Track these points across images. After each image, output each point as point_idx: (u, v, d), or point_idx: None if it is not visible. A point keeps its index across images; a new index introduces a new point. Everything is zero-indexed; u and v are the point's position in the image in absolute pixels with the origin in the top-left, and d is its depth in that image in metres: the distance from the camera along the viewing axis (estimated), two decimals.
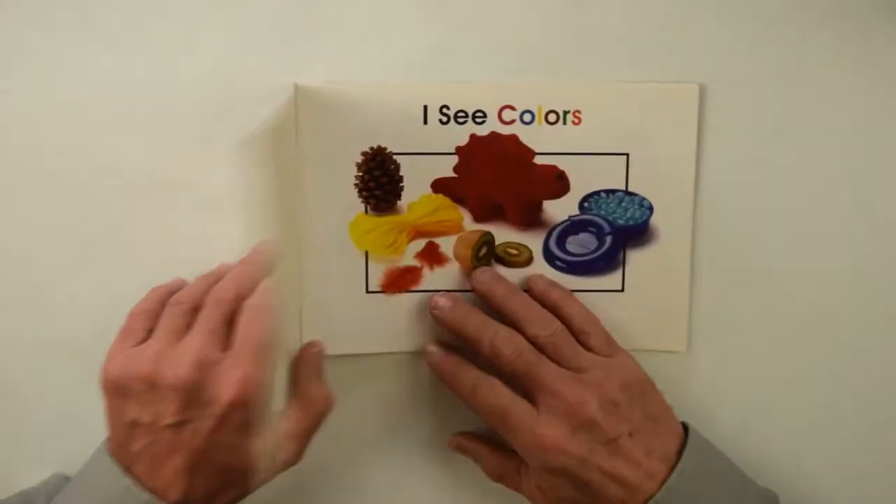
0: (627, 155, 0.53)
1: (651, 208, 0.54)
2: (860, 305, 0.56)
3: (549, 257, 0.55)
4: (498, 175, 0.53)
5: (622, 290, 0.55)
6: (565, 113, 0.53)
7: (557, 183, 0.54)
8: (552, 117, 0.53)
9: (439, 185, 0.54)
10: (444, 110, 0.53)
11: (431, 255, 0.55)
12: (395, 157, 0.53)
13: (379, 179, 0.53)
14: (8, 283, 0.54)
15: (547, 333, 0.51)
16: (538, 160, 0.54)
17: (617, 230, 0.54)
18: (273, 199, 0.51)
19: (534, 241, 0.55)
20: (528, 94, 0.53)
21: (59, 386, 0.55)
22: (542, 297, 0.53)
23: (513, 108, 0.53)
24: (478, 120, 0.53)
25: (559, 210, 0.54)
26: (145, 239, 0.54)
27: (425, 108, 0.53)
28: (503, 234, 0.55)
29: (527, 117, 0.53)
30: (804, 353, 0.56)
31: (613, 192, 0.54)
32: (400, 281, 0.55)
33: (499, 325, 0.51)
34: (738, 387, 0.57)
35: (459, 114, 0.53)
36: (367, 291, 0.55)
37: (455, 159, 0.53)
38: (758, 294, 0.56)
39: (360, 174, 0.53)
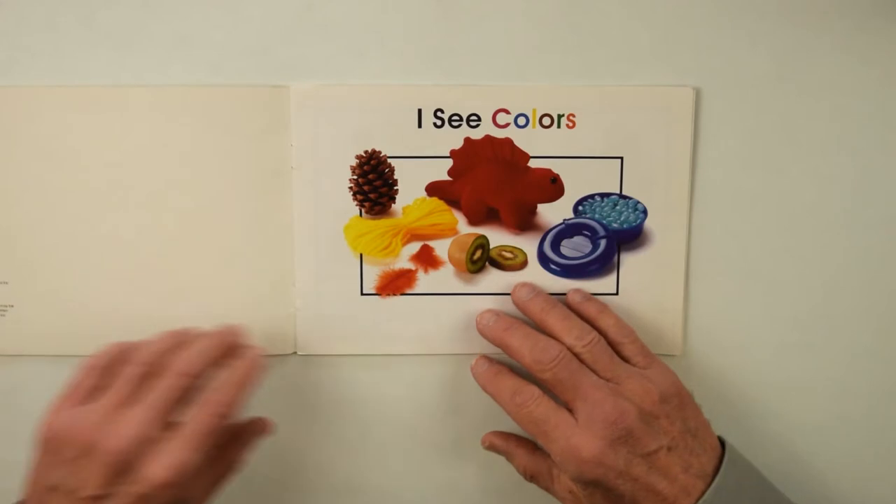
0: (622, 158, 0.53)
1: (645, 212, 0.54)
2: (857, 308, 0.56)
3: (544, 261, 0.55)
4: (492, 178, 0.54)
5: (616, 294, 0.55)
6: (560, 116, 0.53)
7: (552, 186, 0.54)
8: (546, 121, 0.53)
9: (434, 189, 0.54)
10: (439, 113, 0.53)
11: (426, 258, 0.55)
12: (389, 160, 0.53)
13: (373, 182, 0.53)
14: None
15: (584, 343, 0.51)
16: (533, 163, 0.54)
17: (611, 233, 0.54)
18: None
19: (528, 245, 0.55)
20: (522, 97, 0.53)
21: None
22: (577, 309, 0.54)
23: (507, 112, 0.53)
24: (472, 123, 0.53)
25: (554, 213, 0.54)
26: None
27: (420, 111, 0.53)
28: (498, 238, 0.55)
29: (521, 121, 0.53)
30: (800, 356, 0.56)
31: (608, 195, 0.54)
32: (395, 283, 0.55)
33: (539, 335, 0.51)
34: (734, 390, 0.56)
35: (454, 117, 0.53)
36: (362, 294, 0.55)
37: (449, 162, 0.53)
38: (753, 297, 0.56)
39: (355, 177, 0.54)
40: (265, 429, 0.53)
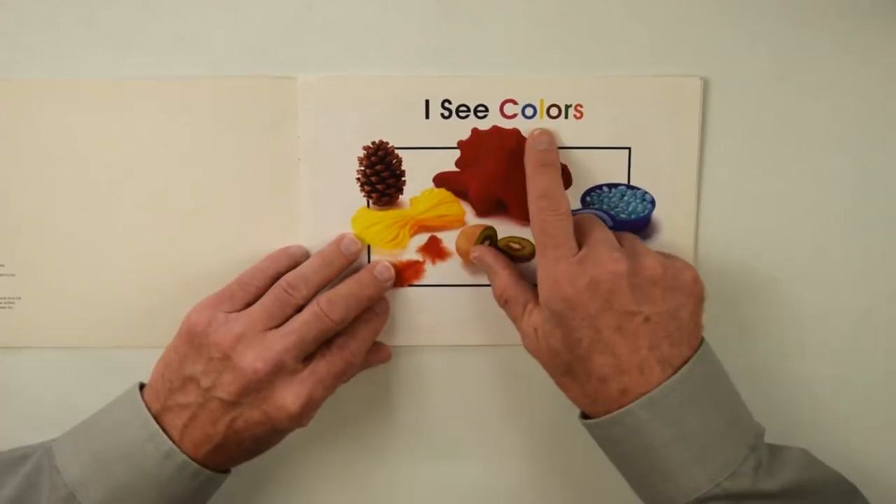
0: (629, 149, 0.53)
1: (653, 202, 0.54)
2: (863, 303, 0.56)
3: None
4: (500, 169, 0.53)
5: None
6: (567, 107, 0.53)
7: None
8: (554, 111, 0.53)
9: (441, 180, 0.54)
10: (446, 104, 0.53)
11: (433, 250, 0.55)
12: (397, 151, 0.53)
13: (381, 174, 0.53)
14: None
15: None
16: None
17: (619, 224, 0.54)
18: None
19: None
20: (529, 88, 0.53)
21: None
22: None
23: (514, 103, 0.53)
24: (480, 114, 0.53)
25: None
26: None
27: (427, 102, 0.53)
28: (505, 229, 0.55)
29: (528, 111, 0.53)
30: (807, 350, 0.56)
31: (615, 186, 0.54)
32: (402, 275, 0.55)
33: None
34: (740, 383, 0.56)
35: (461, 108, 0.53)
36: None
37: (457, 153, 0.53)
38: (761, 289, 0.56)
39: (363, 168, 0.54)
40: (385, 357, 0.56)
